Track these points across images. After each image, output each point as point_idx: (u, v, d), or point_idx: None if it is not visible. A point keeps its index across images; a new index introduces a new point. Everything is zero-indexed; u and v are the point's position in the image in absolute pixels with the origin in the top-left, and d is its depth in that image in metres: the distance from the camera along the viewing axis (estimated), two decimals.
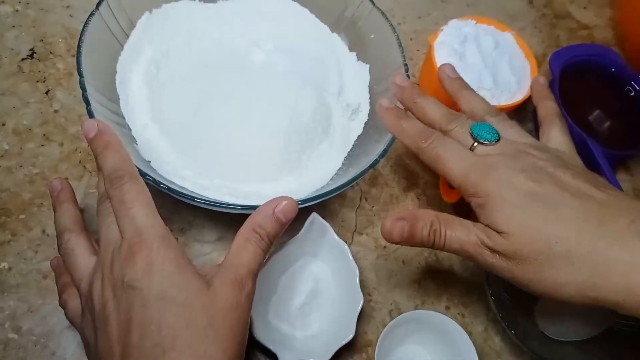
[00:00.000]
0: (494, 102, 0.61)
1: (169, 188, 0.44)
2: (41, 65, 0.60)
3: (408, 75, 0.53)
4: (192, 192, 0.49)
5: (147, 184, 0.41)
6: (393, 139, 0.50)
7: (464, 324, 0.56)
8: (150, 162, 0.50)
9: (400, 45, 0.55)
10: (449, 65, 0.55)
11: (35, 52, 0.60)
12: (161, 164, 0.50)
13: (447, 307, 0.56)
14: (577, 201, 0.41)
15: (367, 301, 0.54)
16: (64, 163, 0.56)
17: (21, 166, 0.55)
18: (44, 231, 0.52)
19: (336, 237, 0.52)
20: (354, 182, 0.48)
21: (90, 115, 0.45)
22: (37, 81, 0.59)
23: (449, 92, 0.54)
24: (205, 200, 0.46)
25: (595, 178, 0.45)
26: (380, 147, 0.50)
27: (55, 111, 0.58)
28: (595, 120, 0.69)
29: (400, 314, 0.52)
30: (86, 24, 0.48)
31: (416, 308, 0.56)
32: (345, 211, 0.59)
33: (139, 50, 0.54)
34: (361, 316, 0.51)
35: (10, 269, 0.50)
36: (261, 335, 0.48)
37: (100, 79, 0.50)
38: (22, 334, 0.48)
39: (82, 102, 0.46)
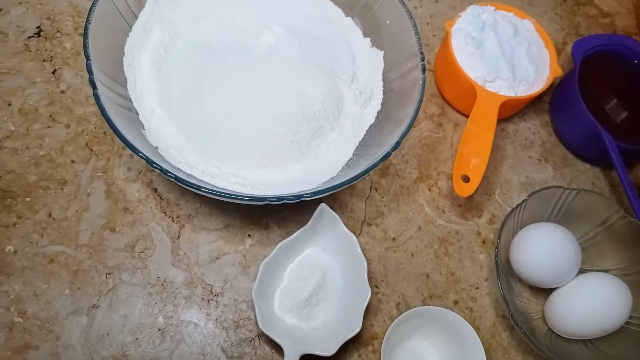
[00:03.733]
0: (510, 93, 0.60)
1: (176, 177, 0.43)
2: (48, 43, 0.59)
3: (424, 64, 0.52)
4: (200, 180, 0.48)
5: (153, 171, 0.40)
6: (407, 131, 0.49)
7: (472, 319, 0.55)
8: (157, 148, 0.49)
9: (416, 32, 0.53)
10: None
11: (42, 30, 0.59)
12: (169, 150, 0.49)
13: (455, 302, 0.56)
14: None
15: (374, 293, 0.54)
16: (70, 145, 0.55)
17: (27, 148, 0.54)
18: (50, 214, 0.52)
19: (345, 229, 0.52)
20: (364, 175, 0.47)
21: (97, 99, 0.44)
22: (44, 60, 0.58)
23: None
24: (211, 190, 0.45)
25: None
26: (393, 139, 0.49)
27: (62, 92, 0.57)
28: (613, 111, 0.67)
29: (407, 307, 0.51)
30: (93, 4, 0.47)
31: (424, 301, 0.55)
32: (355, 201, 0.58)
33: (148, 32, 0.53)
34: (368, 309, 0.50)
35: (15, 252, 0.50)
36: (266, 328, 0.48)
37: (107, 61, 0.49)
38: (27, 318, 0.48)
39: (89, 83, 0.44)
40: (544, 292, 0.57)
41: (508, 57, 0.60)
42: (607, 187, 0.65)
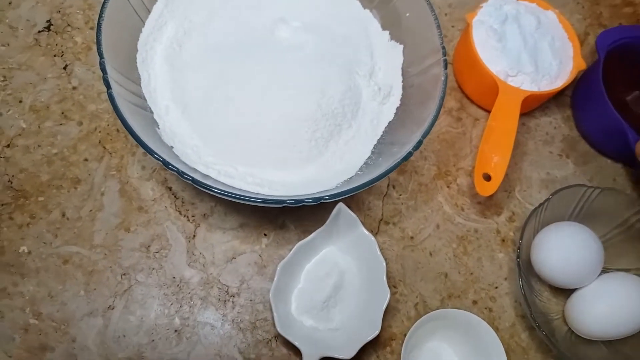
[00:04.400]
0: (533, 87, 0.58)
1: (193, 179, 0.42)
2: (58, 38, 0.57)
3: (446, 60, 0.50)
4: (217, 181, 0.47)
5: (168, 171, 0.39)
6: (428, 130, 0.47)
7: (491, 319, 0.54)
8: (172, 147, 0.48)
9: (438, 26, 0.51)
10: None
11: (52, 24, 0.58)
12: (184, 149, 0.48)
13: (474, 302, 0.55)
14: None
15: (392, 293, 0.52)
16: (83, 143, 0.54)
17: (39, 146, 0.53)
18: (63, 214, 0.51)
19: (364, 230, 0.50)
20: (385, 176, 0.46)
21: (111, 98, 0.43)
22: (55, 55, 0.57)
23: None
24: (229, 193, 0.43)
25: None
26: (413, 137, 0.48)
27: (74, 88, 0.56)
28: (635, 105, 0.66)
29: (426, 307, 0.50)
30: (106, 0, 0.45)
31: (442, 302, 0.54)
32: (372, 199, 0.57)
33: (161, 27, 0.51)
34: (386, 309, 0.49)
35: (29, 252, 0.49)
36: (284, 330, 0.47)
37: (120, 58, 0.47)
38: (43, 320, 0.48)
39: (101, 78, 0.43)
40: (564, 291, 0.56)
41: (531, 51, 0.59)
42: (629, 183, 0.63)
